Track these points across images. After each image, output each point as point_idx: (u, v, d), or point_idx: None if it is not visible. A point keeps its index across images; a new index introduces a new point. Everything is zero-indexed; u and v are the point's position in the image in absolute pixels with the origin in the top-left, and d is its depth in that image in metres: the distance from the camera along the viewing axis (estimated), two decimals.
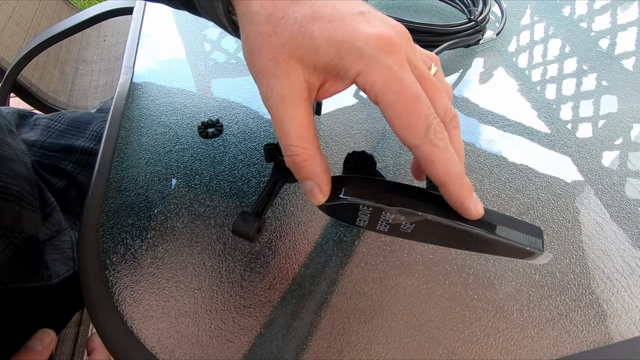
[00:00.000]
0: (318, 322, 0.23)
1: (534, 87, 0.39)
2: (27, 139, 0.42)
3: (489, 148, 0.33)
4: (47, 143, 0.43)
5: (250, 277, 0.25)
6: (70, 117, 0.47)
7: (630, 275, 0.26)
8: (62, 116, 0.47)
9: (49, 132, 0.45)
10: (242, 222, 0.21)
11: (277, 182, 0.24)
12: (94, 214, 0.28)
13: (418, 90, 0.19)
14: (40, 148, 0.43)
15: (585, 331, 0.23)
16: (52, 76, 0.80)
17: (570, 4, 0.50)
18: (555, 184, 0.30)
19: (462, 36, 0.39)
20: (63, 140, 0.44)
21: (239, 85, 0.38)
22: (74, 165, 0.43)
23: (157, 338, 0.23)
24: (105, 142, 0.32)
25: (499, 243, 0.19)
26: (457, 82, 0.39)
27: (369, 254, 0.26)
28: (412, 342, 0.23)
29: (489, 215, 0.19)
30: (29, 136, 0.43)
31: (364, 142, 0.33)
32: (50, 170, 0.42)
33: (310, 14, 0.19)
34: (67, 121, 0.47)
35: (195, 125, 0.34)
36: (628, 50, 0.43)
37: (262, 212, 0.22)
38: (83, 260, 0.25)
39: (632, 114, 0.36)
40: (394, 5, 0.47)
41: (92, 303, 0.24)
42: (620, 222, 0.28)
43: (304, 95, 0.20)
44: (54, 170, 0.42)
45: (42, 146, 0.43)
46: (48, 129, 0.45)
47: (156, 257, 0.26)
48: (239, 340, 0.23)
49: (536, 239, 0.20)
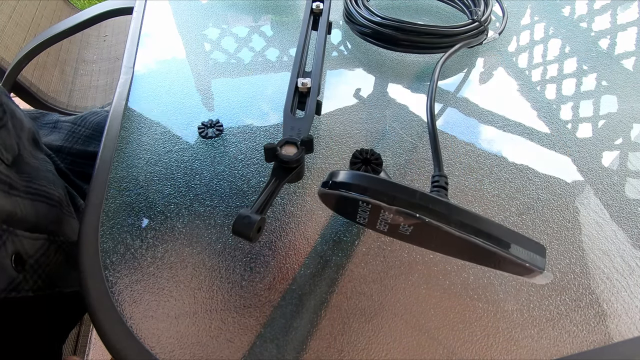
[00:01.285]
0: (318, 322, 0.23)
1: (534, 87, 0.39)
2: (51, 144, 0.43)
3: (489, 148, 0.33)
4: (75, 150, 0.44)
5: (250, 277, 0.25)
6: (94, 121, 0.48)
7: (630, 275, 0.26)
8: (85, 120, 0.48)
9: (74, 138, 0.45)
10: (242, 222, 0.21)
11: (277, 182, 0.24)
12: (93, 214, 0.28)
13: None
14: (68, 155, 0.44)
15: (585, 331, 0.23)
16: (52, 76, 0.80)
17: (570, 4, 0.50)
18: (555, 184, 0.30)
19: (466, 37, 0.39)
20: (91, 147, 0.45)
21: (239, 85, 0.38)
22: None
23: (157, 338, 0.23)
24: (105, 142, 0.32)
25: (497, 256, 0.19)
26: (457, 82, 0.39)
27: (369, 254, 0.26)
28: (412, 342, 0.23)
29: (490, 227, 0.19)
30: (52, 140, 0.44)
31: (364, 142, 0.33)
32: (82, 176, 0.43)
33: None
34: (91, 126, 0.47)
35: (195, 125, 0.34)
36: (628, 50, 0.43)
37: (262, 211, 0.22)
38: (83, 261, 0.25)
39: (632, 114, 0.36)
40: (394, 5, 0.47)
41: (92, 303, 0.24)
42: (620, 222, 0.28)
43: None
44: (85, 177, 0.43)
45: (70, 153, 0.44)
46: (73, 134, 0.45)
47: (156, 257, 0.26)
48: (239, 340, 0.23)
49: (538, 256, 0.19)
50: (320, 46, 0.34)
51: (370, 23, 0.39)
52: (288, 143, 0.25)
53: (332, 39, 0.43)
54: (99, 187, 0.29)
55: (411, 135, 0.34)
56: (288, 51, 0.42)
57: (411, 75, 0.40)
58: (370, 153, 0.29)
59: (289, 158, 0.24)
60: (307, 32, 0.35)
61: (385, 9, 0.45)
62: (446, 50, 0.37)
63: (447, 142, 0.33)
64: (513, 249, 0.19)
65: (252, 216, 0.21)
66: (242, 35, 0.45)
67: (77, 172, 0.43)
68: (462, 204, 0.29)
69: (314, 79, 0.31)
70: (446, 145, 0.33)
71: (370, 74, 0.40)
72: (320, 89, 0.32)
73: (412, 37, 0.38)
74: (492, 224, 0.19)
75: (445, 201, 0.19)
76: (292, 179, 0.25)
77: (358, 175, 0.21)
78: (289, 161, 0.24)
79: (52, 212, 0.32)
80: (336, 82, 0.39)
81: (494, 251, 0.19)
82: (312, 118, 0.28)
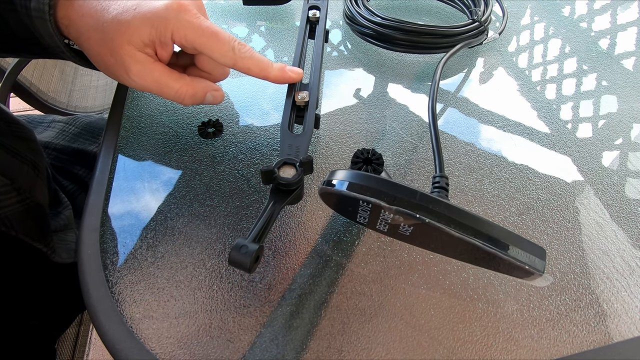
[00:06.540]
0: (318, 322, 0.23)
1: (534, 87, 0.39)
2: (41, 140, 0.43)
3: (489, 148, 0.33)
4: (60, 145, 0.44)
5: (250, 277, 0.25)
6: (85, 121, 0.48)
7: (630, 275, 0.26)
8: (76, 119, 0.48)
9: (62, 135, 0.45)
10: (239, 252, 0.20)
11: (275, 206, 0.23)
12: (94, 215, 0.28)
13: (216, 28, 0.26)
14: (53, 150, 0.44)
15: (585, 331, 0.23)
16: (52, 76, 0.80)
17: (570, 4, 0.50)
18: (555, 184, 0.30)
19: (467, 37, 0.39)
20: (76, 144, 0.45)
21: (239, 85, 0.38)
22: (86, 171, 0.44)
23: (157, 338, 0.23)
24: (105, 142, 0.32)
25: (497, 258, 0.19)
26: (457, 82, 0.39)
27: (369, 254, 0.26)
28: (412, 342, 0.23)
29: (490, 228, 0.19)
30: (43, 137, 0.44)
31: (364, 142, 0.33)
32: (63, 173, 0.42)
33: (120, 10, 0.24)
34: (81, 125, 0.47)
35: (195, 125, 0.34)
36: (628, 50, 0.43)
37: (260, 239, 0.21)
38: (83, 261, 0.25)
39: (632, 114, 0.36)
40: (394, 5, 0.48)
41: (92, 303, 0.24)
42: (620, 222, 0.28)
43: (151, 60, 0.26)
44: (66, 173, 0.43)
45: (55, 148, 0.44)
46: (62, 132, 0.46)
47: (156, 257, 0.26)
48: (239, 340, 0.23)
49: (538, 259, 0.19)
50: (317, 57, 0.32)
51: (370, 23, 0.39)
52: (286, 164, 0.24)
53: (332, 39, 0.43)
54: (100, 187, 0.29)
55: (411, 135, 0.34)
56: (288, 51, 0.42)
57: (411, 75, 0.40)
58: (371, 153, 0.29)
59: (287, 180, 0.23)
60: (304, 42, 0.34)
61: (385, 9, 0.45)
62: (446, 50, 0.37)
63: (447, 142, 0.33)
64: (512, 251, 0.19)
65: (250, 245, 0.20)
66: (242, 36, 0.45)
67: (58, 168, 0.43)
68: (462, 204, 0.29)
69: (312, 92, 0.29)
70: (446, 145, 0.33)
71: (370, 74, 0.40)
72: (318, 102, 0.31)
73: (412, 37, 0.38)
74: (492, 226, 0.19)
75: (445, 202, 0.19)
76: (291, 201, 0.24)
77: (359, 175, 0.21)
78: (287, 184, 0.23)
79: (22, 168, 0.33)
80: (336, 82, 0.39)
81: (493, 253, 0.19)
82: (310, 135, 0.27)
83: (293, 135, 0.27)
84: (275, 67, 0.28)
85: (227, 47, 0.26)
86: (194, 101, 0.28)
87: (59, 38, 0.25)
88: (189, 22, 0.25)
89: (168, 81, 0.26)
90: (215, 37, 0.25)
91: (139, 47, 0.25)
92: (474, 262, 0.23)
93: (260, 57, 0.27)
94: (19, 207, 0.32)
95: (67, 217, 0.38)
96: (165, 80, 0.26)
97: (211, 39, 0.25)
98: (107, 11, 0.25)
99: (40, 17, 0.24)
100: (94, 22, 0.25)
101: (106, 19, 0.24)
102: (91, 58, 0.27)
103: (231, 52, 0.26)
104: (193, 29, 0.25)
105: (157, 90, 0.26)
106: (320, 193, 0.23)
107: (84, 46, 0.26)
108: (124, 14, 0.24)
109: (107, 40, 0.24)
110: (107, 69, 0.27)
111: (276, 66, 0.28)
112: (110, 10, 0.25)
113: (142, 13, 0.24)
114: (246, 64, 0.27)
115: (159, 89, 0.26)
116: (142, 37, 0.24)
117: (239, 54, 0.26)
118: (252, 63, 0.27)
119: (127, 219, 0.28)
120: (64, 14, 0.25)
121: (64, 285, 0.39)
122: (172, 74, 0.27)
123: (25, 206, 0.32)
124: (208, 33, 0.25)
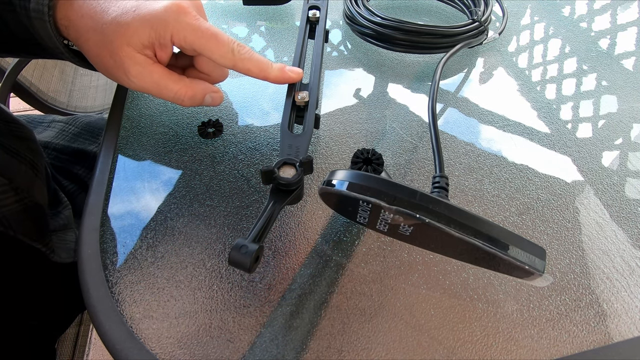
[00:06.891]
0: (318, 322, 0.23)
1: (534, 87, 0.39)
2: (41, 140, 0.43)
3: (489, 148, 0.33)
4: (60, 145, 0.44)
5: (250, 277, 0.25)
6: (84, 121, 0.48)
7: (630, 275, 0.26)
8: (76, 119, 0.48)
9: (62, 135, 0.45)
10: (239, 253, 0.20)
11: (275, 206, 0.23)
12: (94, 215, 0.28)
13: (216, 29, 0.26)
14: (53, 150, 0.44)
15: (585, 331, 0.23)
16: (52, 76, 0.80)
17: (570, 4, 0.50)
18: (555, 184, 0.30)
19: (467, 37, 0.39)
20: (76, 143, 0.45)
21: (238, 86, 0.38)
22: (86, 171, 0.44)
23: (157, 338, 0.23)
24: (105, 142, 0.32)
25: (496, 258, 0.19)
26: (457, 82, 0.39)
27: (369, 254, 0.26)
28: (412, 342, 0.23)
29: (490, 228, 0.19)
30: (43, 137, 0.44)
31: (364, 142, 0.33)
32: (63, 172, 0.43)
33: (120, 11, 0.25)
34: (81, 125, 0.47)
35: (195, 125, 0.34)
36: (628, 50, 0.43)
37: (260, 239, 0.21)
38: (83, 261, 0.25)
39: (632, 114, 0.36)
40: (394, 5, 0.48)
41: (92, 303, 0.24)
42: (620, 222, 0.28)
43: (150, 62, 0.26)
44: (66, 173, 0.43)
45: (55, 148, 0.44)
46: (62, 132, 0.46)
47: (156, 257, 0.26)
48: (239, 340, 0.23)
49: (538, 259, 0.19)
50: (317, 57, 0.33)
51: (370, 23, 0.39)
52: (286, 164, 0.24)
53: (332, 39, 0.43)
54: (100, 187, 0.29)
55: (411, 135, 0.34)
56: (288, 51, 0.42)
57: (411, 75, 0.40)
58: (371, 153, 0.29)
59: (287, 180, 0.23)
60: (304, 42, 0.34)
61: (385, 9, 0.45)
62: (446, 50, 0.37)
63: (447, 142, 0.33)
64: (512, 251, 0.19)
65: (250, 245, 0.20)
66: (242, 36, 0.45)
67: (58, 168, 0.43)
68: (462, 204, 0.29)
69: (312, 92, 0.30)
70: (446, 145, 0.33)
71: (370, 74, 0.40)
72: (318, 102, 0.31)
73: (412, 37, 0.38)
74: (492, 226, 0.19)
75: (445, 202, 0.19)
76: (291, 201, 0.24)
77: (359, 175, 0.21)
78: (287, 184, 0.23)
79: (20, 168, 0.33)
80: (336, 82, 0.39)
81: (493, 253, 0.19)
82: (310, 135, 0.27)
83: (293, 135, 0.27)
84: (275, 68, 0.28)
85: (226, 48, 0.26)
86: (193, 103, 0.28)
87: (58, 39, 0.25)
88: (188, 23, 0.25)
89: (167, 83, 0.26)
90: (214, 39, 0.26)
91: (138, 49, 0.25)
92: (474, 262, 0.23)
93: (259, 58, 0.28)
94: (17, 206, 0.32)
95: (66, 217, 0.38)
96: (164, 82, 0.26)
97: (210, 41, 0.25)
98: (106, 13, 0.25)
99: (39, 18, 0.24)
100: (94, 23, 0.25)
101: (105, 21, 0.24)
102: (90, 59, 0.27)
103: (230, 54, 0.26)
104: (192, 31, 0.25)
105: (156, 91, 0.26)
106: (320, 193, 0.23)
107: (83, 47, 0.26)
108: (124, 16, 0.24)
109: (107, 42, 0.24)
110: (106, 70, 0.27)
111: (276, 66, 0.28)
112: (109, 12, 0.25)
113: (142, 15, 0.24)
114: (246, 65, 0.27)
115: (158, 91, 0.26)
116: (141, 39, 0.25)
117: (239, 55, 0.26)
118: (252, 64, 0.27)
119: (127, 219, 0.28)
120: (63, 15, 0.25)
121: (64, 285, 0.39)
122: (171, 76, 0.27)
123: (23, 206, 0.32)
124: (207, 35, 0.25)
